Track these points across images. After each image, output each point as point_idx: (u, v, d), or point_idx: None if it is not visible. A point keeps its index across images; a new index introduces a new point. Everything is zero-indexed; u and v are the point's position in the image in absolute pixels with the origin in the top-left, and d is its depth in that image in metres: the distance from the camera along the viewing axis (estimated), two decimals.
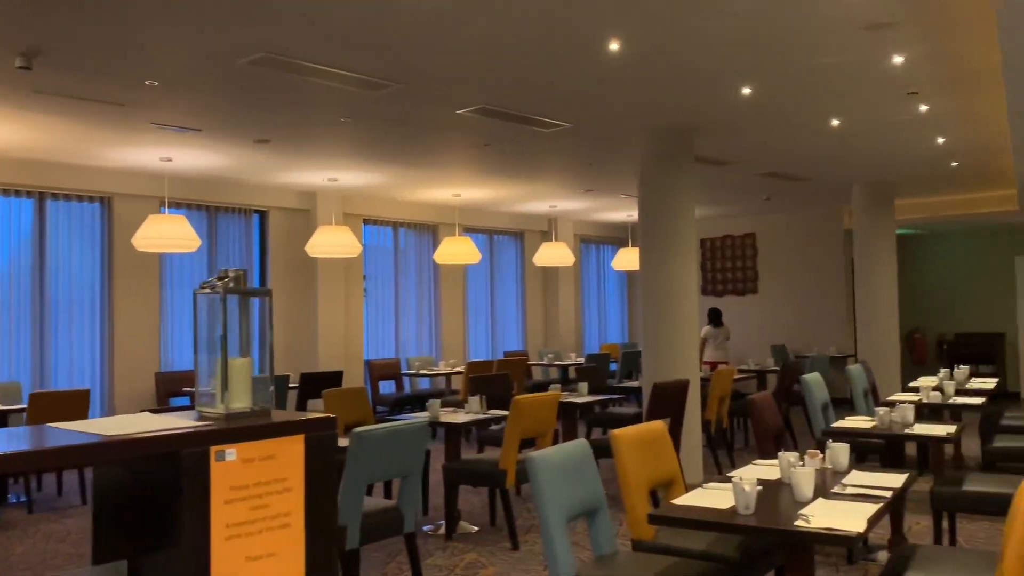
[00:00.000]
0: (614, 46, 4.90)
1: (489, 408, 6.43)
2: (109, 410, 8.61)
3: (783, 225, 13.12)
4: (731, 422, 8.32)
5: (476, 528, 5.60)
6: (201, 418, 1.85)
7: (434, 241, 11.60)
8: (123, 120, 6.47)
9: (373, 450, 3.89)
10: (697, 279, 13.83)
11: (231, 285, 1.89)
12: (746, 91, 5.93)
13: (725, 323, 11.32)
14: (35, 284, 8.25)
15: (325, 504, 1.80)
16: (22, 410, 6.63)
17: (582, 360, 11.41)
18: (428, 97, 5.98)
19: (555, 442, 5.58)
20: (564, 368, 11.32)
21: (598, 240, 14.36)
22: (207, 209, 9.48)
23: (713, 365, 10.38)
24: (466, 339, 12.07)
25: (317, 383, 8.07)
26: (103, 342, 8.69)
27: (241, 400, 1.86)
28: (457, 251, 10.10)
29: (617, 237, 14.33)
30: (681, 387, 6.37)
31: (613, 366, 11.48)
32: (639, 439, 3.65)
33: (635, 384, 8.53)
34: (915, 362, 13.66)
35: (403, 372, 10.41)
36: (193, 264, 9.34)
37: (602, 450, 5.52)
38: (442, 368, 10.34)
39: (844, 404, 7.64)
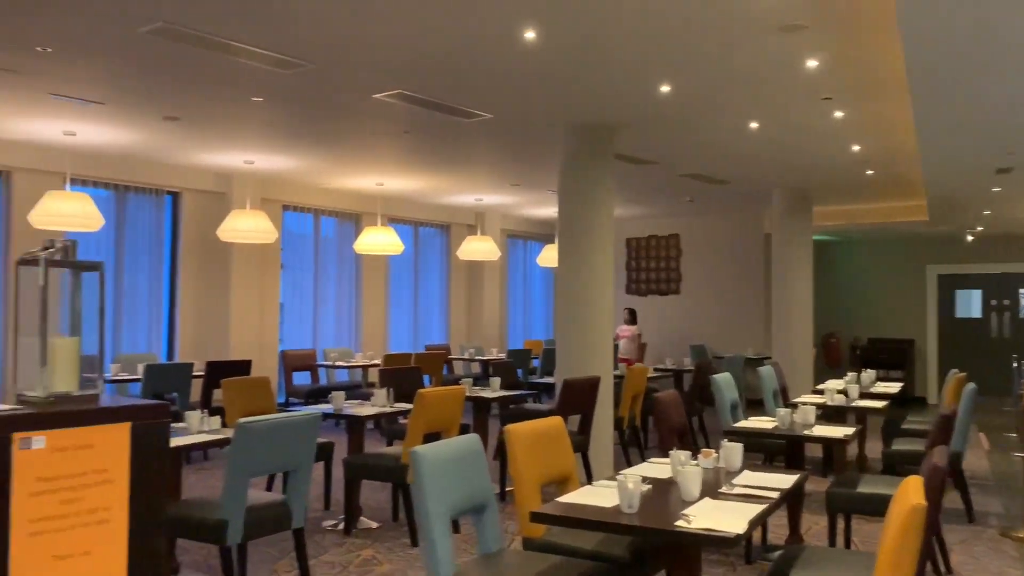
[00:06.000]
0: (530, 35, 4.81)
1: (400, 401, 6.29)
2: None
3: (706, 227, 13.28)
4: (644, 421, 8.35)
5: (377, 524, 5.45)
6: (19, 402, 1.68)
7: (356, 230, 11.36)
8: (19, 89, 6.10)
9: (258, 442, 3.72)
10: (621, 278, 13.94)
11: (56, 256, 1.72)
12: (665, 89, 5.91)
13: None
14: None
15: (153, 499, 1.65)
16: None
17: (504, 355, 11.33)
18: (342, 79, 5.80)
19: None
20: (485, 363, 11.22)
21: (525, 235, 14.31)
22: (115, 188, 9.08)
23: (629, 362, 10.45)
24: (387, 331, 11.87)
25: (224, 372, 7.77)
26: None
27: (65, 383, 1.70)
28: (379, 241, 9.91)
29: (543, 233, 14.30)
30: (592, 384, 6.34)
31: (537, 362, 11.44)
32: (534, 435, 3.57)
33: (550, 380, 8.48)
34: (829, 365, 13.99)
35: (319, 363, 10.17)
36: (100, 246, 8.92)
37: None
38: (359, 360, 10.13)
39: (761, 405, 7.73)
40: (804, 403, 5.47)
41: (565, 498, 3.06)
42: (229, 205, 9.73)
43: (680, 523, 2.65)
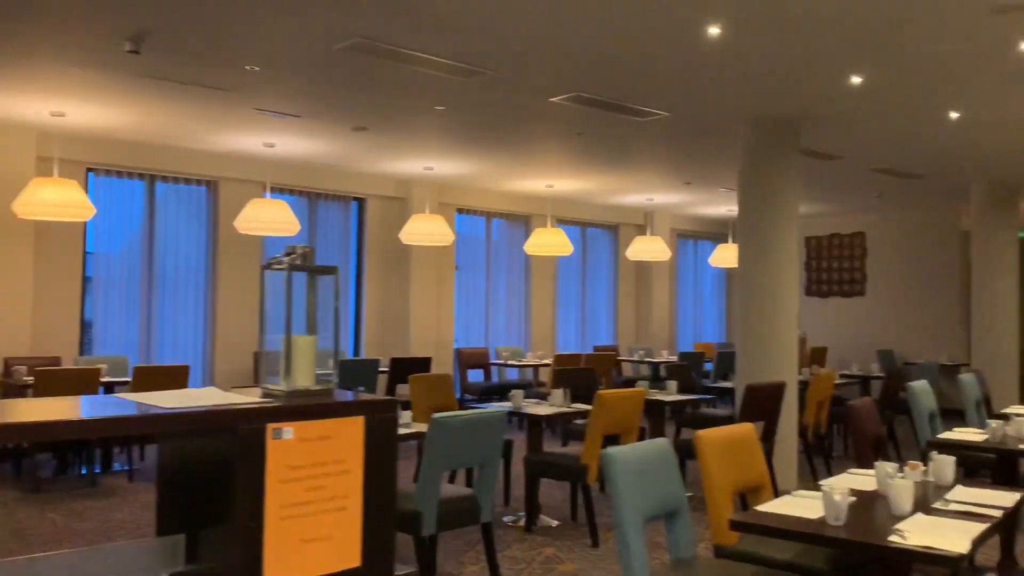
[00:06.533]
0: (714, 31, 4.70)
1: (574, 402, 6.33)
2: (209, 385, 8.92)
3: (895, 224, 12.46)
4: (830, 429, 7.95)
5: (556, 522, 5.52)
6: (265, 395, 1.83)
7: (526, 232, 11.54)
8: (227, 105, 6.65)
9: (451, 437, 3.85)
10: (800, 278, 13.35)
11: (297, 262, 1.86)
12: (857, 80, 5.61)
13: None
14: (144, 263, 8.62)
15: (384, 489, 1.75)
16: (127, 383, 6.94)
17: (675, 358, 11.15)
18: (521, 84, 5.91)
19: (641, 440, 5.45)
20: (655, 365, 11.08)
21: (695, 235, 14.01)
22: (308, 195, 9.70)
23: None
24: (555, 331, 11.98)
25: (407, 368, 8.13)
26: (206, 321, 9.01)
27: (305, 378, 1.83)
28: (549, 242, 10.02)
29: (716, 232, 13.94)
30: (777, 390, 6.11)
31: (709, 366, 11.18)
32: (725, 441, 3.49)
33: (728, 385, 8.26)
34: None
35: (492, 362, 10.41)
36: None
37: (691, 451, 5.33)
38: (530, 359, 10.28)
39: (954, 416, 7.18)
40: (1019, 415, 5.02)
41: (764, 507, 2.96)
42: (408, 209, 10.15)
43: (894, 538, 2.51)
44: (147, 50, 5.16)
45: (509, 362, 10.12)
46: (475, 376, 10.44)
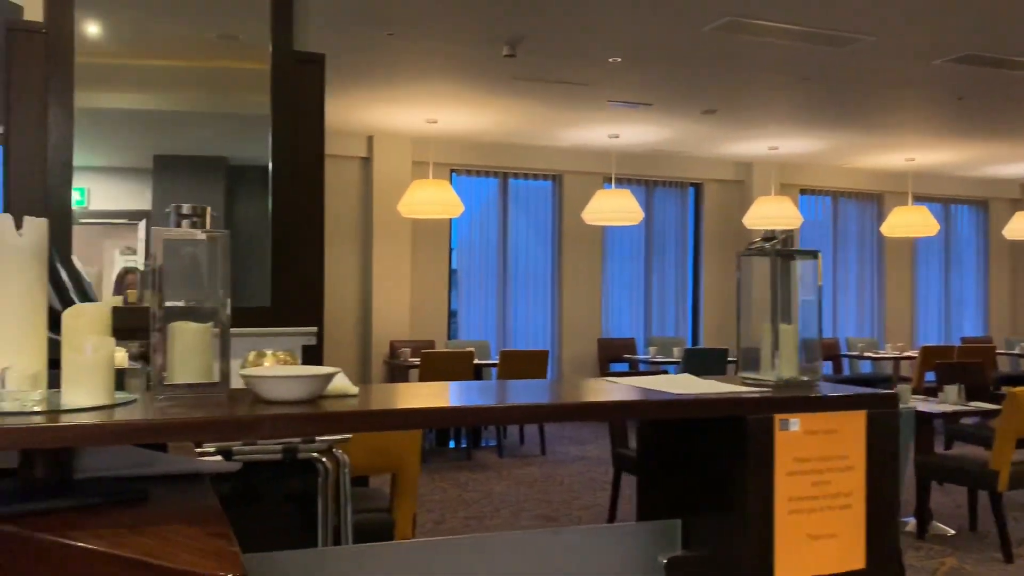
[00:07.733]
0: None
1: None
2: (558, 371, 9.36)
3: None
4: None
5: (952, 531, 4.97)
6: (745, 383, 1.79)
7: (878, 211, 10.62)
8: (583, 100, 6.87)
9: None
10: None
11: (779, 247, 1.80)
12: None
13: None
14: (499, 255, 9.24)
15: (888, 489, 1.63)
16: (493, 365, 7.49)
17: None
18: (901, 48, 5.39)
19: None
20: None
21: None
22: (645, 184, 9.77)
23: None
24: (914, 321, 10.89)
25: None
26: (553, 308, 9.44)
27: (790, 369, 1.77)
28: (910, 222, 9.11)
29: None
30: None
31: None
32: None
33: None
34: None
35: (842, 353, 9.73)
36: (632, 237, 9.69)
37: None
38: (889, 352, 9.44)
39: None
40: None
41: None
42: (748, 193, 9.82)
43: None
44: (521, 53, 5.47)
45: (865, 354, 9.38)
46: (824, 369, 9.82)
